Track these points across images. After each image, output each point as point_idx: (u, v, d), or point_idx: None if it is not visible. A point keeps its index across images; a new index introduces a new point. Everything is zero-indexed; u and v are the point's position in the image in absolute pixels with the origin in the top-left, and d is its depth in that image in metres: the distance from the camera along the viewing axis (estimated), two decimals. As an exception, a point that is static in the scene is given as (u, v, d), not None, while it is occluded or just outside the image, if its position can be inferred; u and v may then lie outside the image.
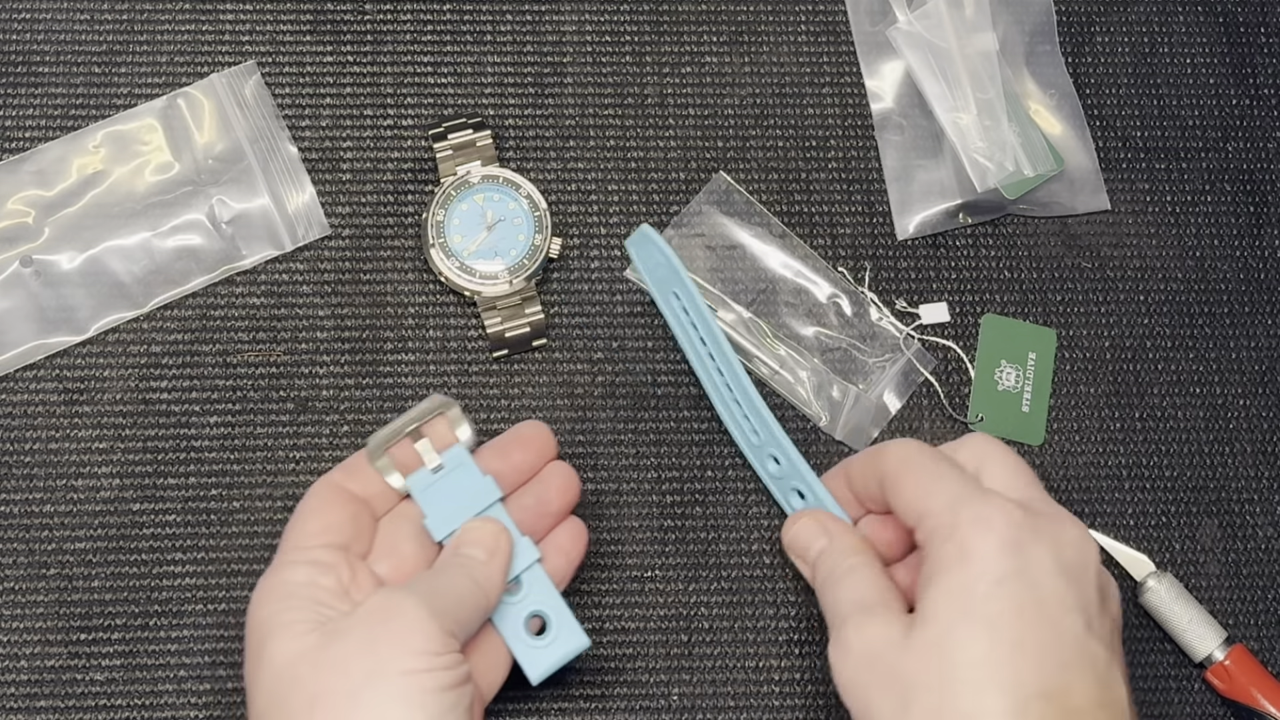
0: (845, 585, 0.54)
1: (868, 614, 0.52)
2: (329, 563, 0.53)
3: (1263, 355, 0.66)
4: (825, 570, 0.55)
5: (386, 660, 0.49)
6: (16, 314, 0.62)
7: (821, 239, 0.66)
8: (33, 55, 0.65)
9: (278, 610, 0.51)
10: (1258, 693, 0.60)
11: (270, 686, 0.50)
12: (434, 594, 0.51)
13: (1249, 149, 0.68)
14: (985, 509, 0.50)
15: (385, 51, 0.67)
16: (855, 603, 0.52)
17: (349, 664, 0.49)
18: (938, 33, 0.67)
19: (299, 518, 0.55)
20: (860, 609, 0.52)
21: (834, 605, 0.53)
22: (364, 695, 0.48)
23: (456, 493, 0.56)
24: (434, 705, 0.48)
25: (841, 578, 0.54)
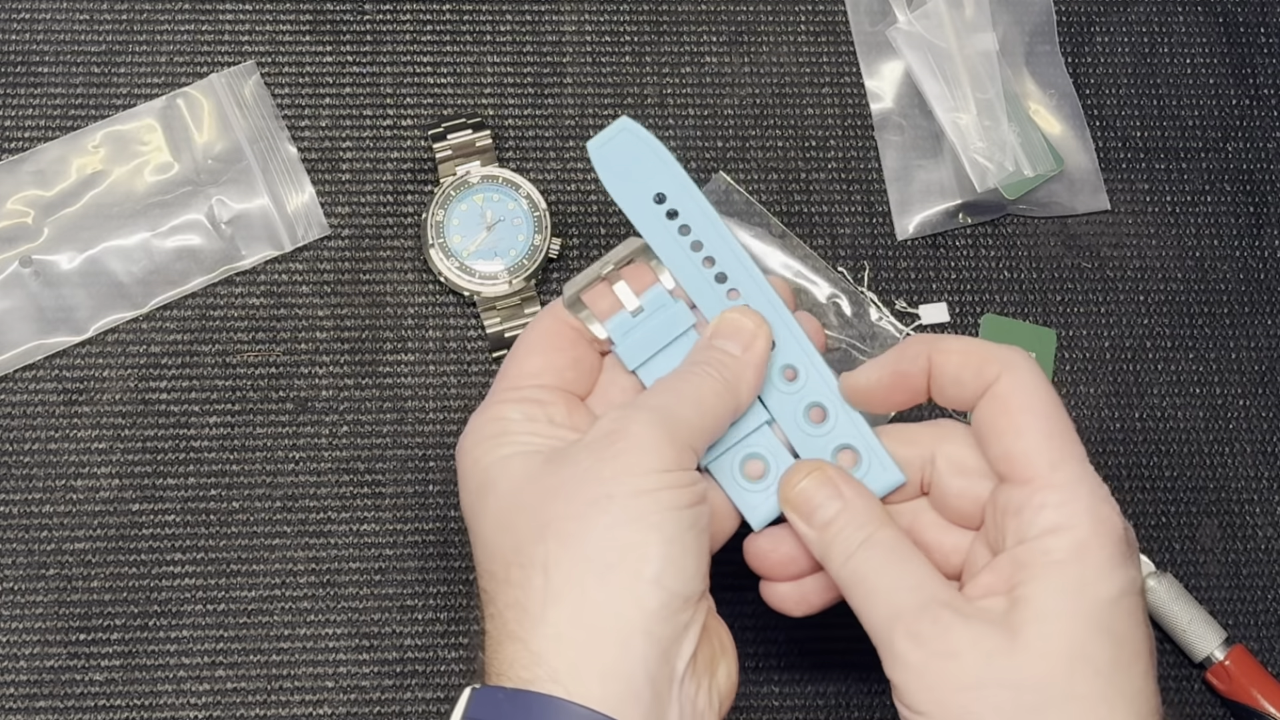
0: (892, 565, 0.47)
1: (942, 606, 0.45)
2: (545, 400, 0.49)
3: (1262, 355, 0.66)
4: (846, 541, 0.48)
5: (615, 481, 0.45)
6: (16, 314, 0.62)
7: (821, 239, 0.66)
8: (32, 55, 0.65)
9: (494, 446, 0.48)
10: (1258, 693, 0.60)
11: (497, 516, 0.47)
12: (671, 404, 0.47)
13: (1249, 149, 0.68)
14: (1105, 508, 0.45)
15: (385, 52, 0.67)
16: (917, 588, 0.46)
17: (577, 488, 0.46)
18: (937, 33, 0.67)
19: (517, 353, 0.51)
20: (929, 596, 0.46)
21: (873, 594, 0.47)
22: (594, 518, 0.45)
23: (661, 336, 0.51)
24: (670, 524, 0.45)
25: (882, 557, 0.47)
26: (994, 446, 0.47)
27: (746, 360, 0.49)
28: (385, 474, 0.62)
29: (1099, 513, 0.45)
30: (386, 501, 0.62)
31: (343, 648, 0.60)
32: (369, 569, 0.61)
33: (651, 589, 0.44)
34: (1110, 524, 0.45)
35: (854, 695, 0.61)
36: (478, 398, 0.63)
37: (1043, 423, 0.47)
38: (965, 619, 0.45)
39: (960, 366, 0.48)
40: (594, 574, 0.45)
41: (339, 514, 0.61)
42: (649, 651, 0.44)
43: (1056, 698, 0.43)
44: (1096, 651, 0.44)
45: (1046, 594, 0.44)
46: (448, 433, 0.62)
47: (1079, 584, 0.44)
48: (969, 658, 0.44)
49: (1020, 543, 0.45)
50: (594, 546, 0.45)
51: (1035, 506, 0.45)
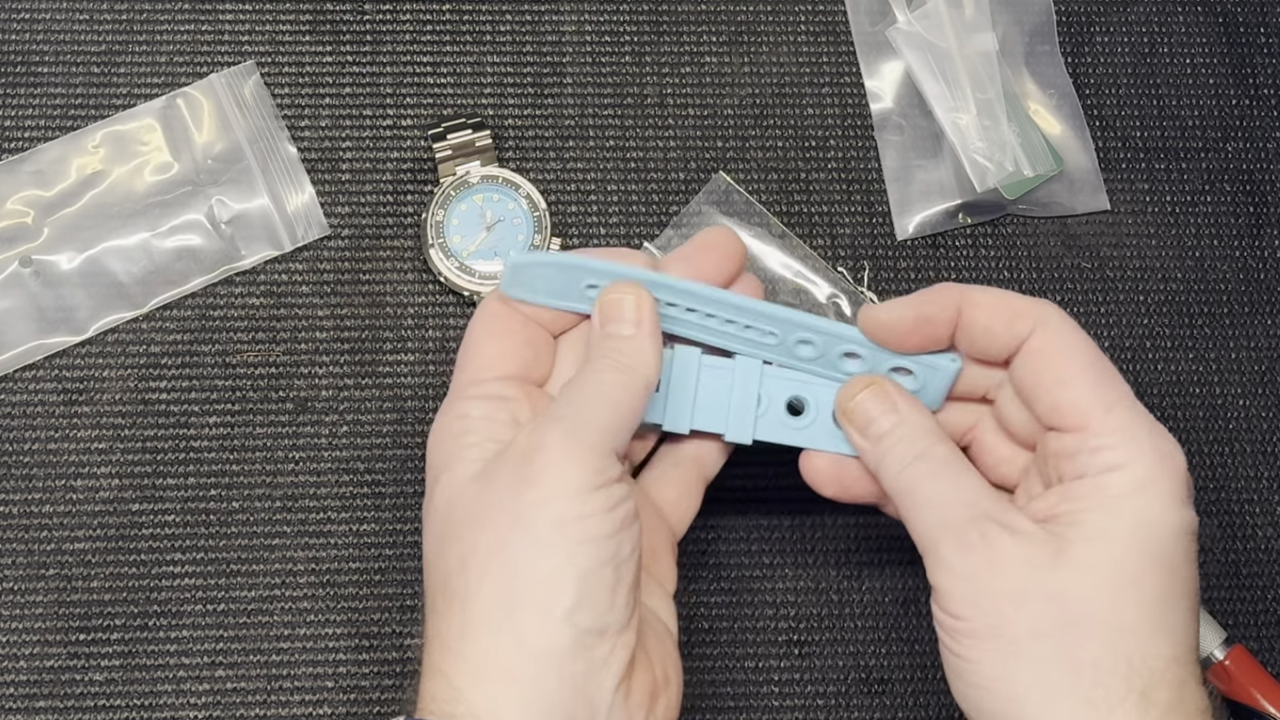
0: (945, 478, 0.47)
1: (992, 520, 0.45)
2: (507, 396, 0.49)
3: (1262, 355, 0.66)
4: (901, 455, 0.48)
5: (533, 509, 0.45)
6: (15, 314, 0.62)
7: (821, 239, 0.66)
8: (32, 55, 0.65)
9: (452, 448, 0.48)
10: (1258, 693, 0.60)
11: (434, 532, 0.47)
12: (583, 412, 0.47)
13: (1249, 149, 0.68)
14: (1167, 444, 0.46)
15: (385, 52, 0.67)
16: (970, 502, 0.46)
17: (498, 514, 0.45)
18: (937, 33, 0.67)
19: (472, 343, 0.50)
20: (980, 510, 0.46)
21: (926, 505, 0.47)
22: (511, 549, 0.44)
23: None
24: (586, 557, 0.44)
25: (936, 469, 0.48)
26: (1041, 400, 0.47)
27: (640, 336, 0.49)
28: (385, 474, 0.62)
29: (1161, 449, 0.46)
30: (386, 501, 0.62)
31: (343, 648, 0.60)
32: (369, 569, 0.61)
33: (563, 626, 0.44)
34: (1174, 460, 0.46)
35: (854, 695, 0.61)
36: (478, 398, 0.63)
37: (1088, 370, 0.47)
38: (1013, 534, 0.45)
39: (991, 318, 0.48)
40: (508, 609, 0.44)
41: (339, 514, 0.61)
42: (564, 689, 0.44)
43: (1098, 618, 0.44)
44: (1148, 580, 0.44)
45: (1102, 520, 0.45)
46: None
47: (1139, 514, 0.45)
48: (1013, 568, 0.45)
49: (1078, 477, 0.46)
50: (509, 580, 0.44)
51: (1091, 449, 0.46)
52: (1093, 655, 0.44)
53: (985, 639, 0.45)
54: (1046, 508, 0.46)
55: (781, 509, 0.62)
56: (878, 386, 0.50)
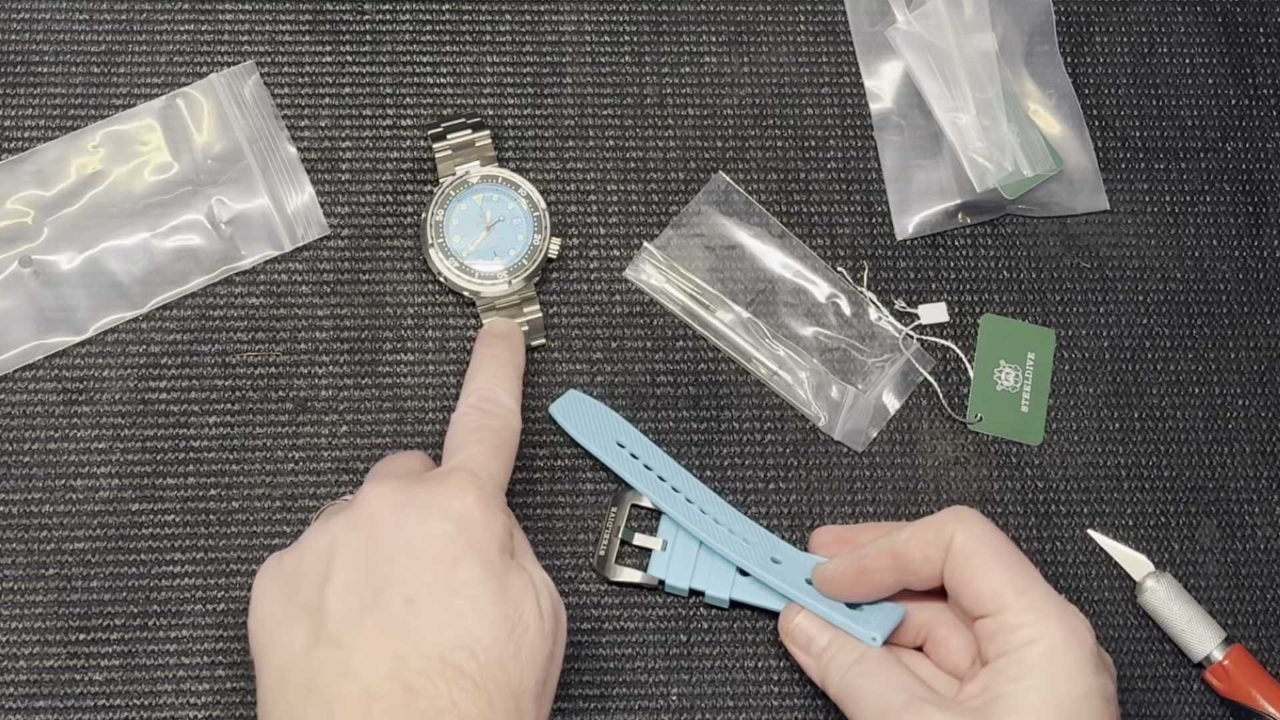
0: (881, 675, 0.54)
1: (925, 703, 0.52)
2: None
3: (1262, 355, 0.66)
4: (840, 663, 0.55)
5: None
6: (15, 314, 0.62)
7: (820, 239, 0.66)
8: (32, 55, 0.65)
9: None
10: (1257, 693, 0.60)
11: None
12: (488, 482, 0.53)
13: (1248, 149, 0.68)
14: (1074, 620, 0.52)
15: (384, 52, 0.67)
16: (904, 690, 0.53)
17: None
18: (937, 33, 0.67)
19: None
20: (913, 696, 0.52)
21: (865, 700, 0.54)
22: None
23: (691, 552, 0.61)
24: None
25: (872, 670, 0.54)
26: (965, 593, 0.53)
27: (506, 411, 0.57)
28: (385, 474, 0.62)
29: (1068, 624, 0.51)
30: (386, 501, 0.62)
31: (342, 648, 0.60)
32: None
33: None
34: (1080, 635, 0.51)
35: (853, 695, 0.61)
36: (477, 398, 0.63)
37: (1001, 561, 0.53)
38: (944, 710, 0.51)
39: (921, 546, 0.54)
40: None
41: (339, 514, 0.61)
42: None
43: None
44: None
45: (1018, 692, 0.50)
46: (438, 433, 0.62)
47: (1050, 682, 0.50)
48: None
49: (1000, 655, 0.52)
50: None
51: (1010, 628, 0.52)
52: None
53: None
54: (978, 687, 0.52)
55: (782, 509, 0.62)
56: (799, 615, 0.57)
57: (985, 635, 0.52)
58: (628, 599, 0.61)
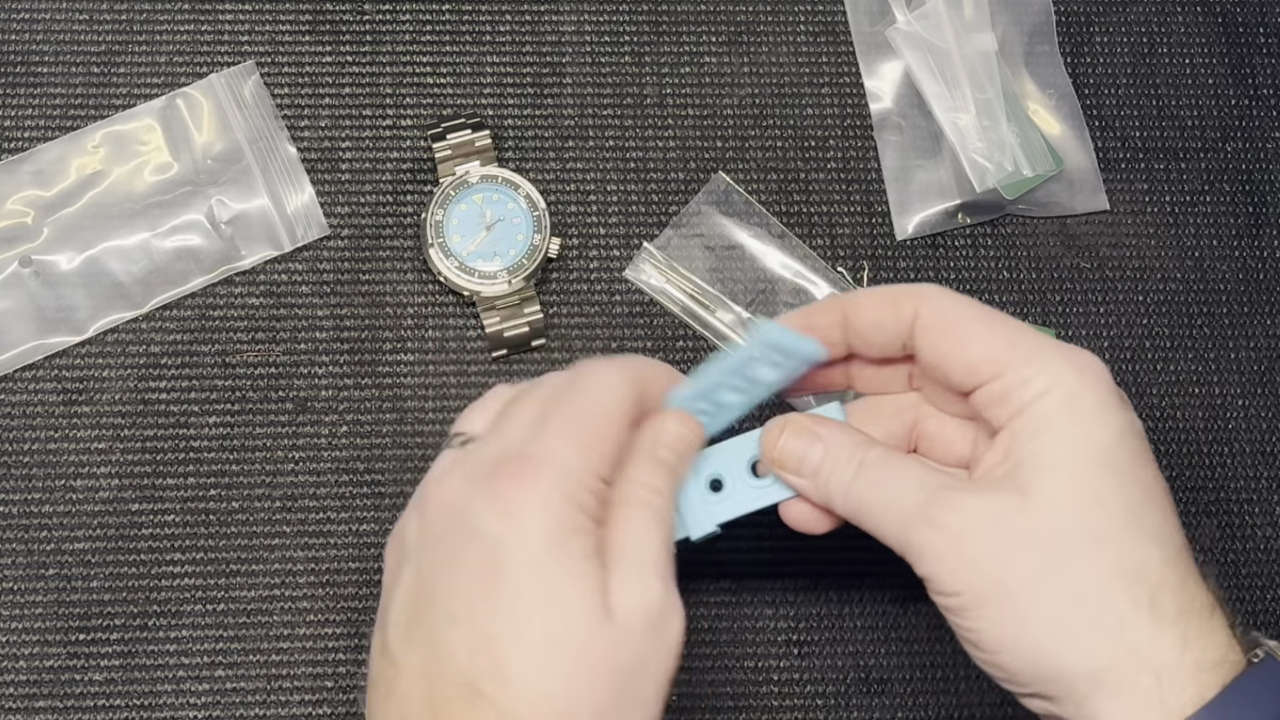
0: (890, 477, 0.47)
1: (949, 490, 0.46)
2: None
3: (1261, 355, 0.66)
4: (841, 476, 0.48)
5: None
6: (15, 314, 0.62)
7: (820, 239, 0.66)
8: (32, 55, 0.65)
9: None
10: (1257, 693, 0.60)
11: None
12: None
13: (1248, 149, 0.68)
14: (1084, 357, 0.46)
15: (384, 52, 0.67)
16: (920, 486, 0.46)
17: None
18: (937, 33, 0.67)
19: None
20: (933, 489, 0.46)
21: (880, 509, 0.47)
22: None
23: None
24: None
25: (878, 474, 0.48)
26: (953, 368, 0.48)
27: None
28: (385, 474, 0.62)
29: (1078, 362, 0.46)
30: (386, 501, 0.62)
31: (343, 648, 0.60)
32: (369, 569, 0.61)
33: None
34: (1094, 370, 0.46)
35: (853, 695, 0.61)
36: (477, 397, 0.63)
37: (981, 322, 0.47)
38: (972, 493, 0.45)
39: (875, 310, 0.49)
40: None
41: (338, 514, 0.61)
42: None
43: (1077, 541, 0.44)
44: (1107, 490, 0.44)
45: (1045, 447, 0.45)
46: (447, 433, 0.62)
47: (1075, 430, 0.45)
48: (985, 527, 0.45)
49: (1016, 414, 0.46)
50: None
51: (1017, 385, 0.46)
52: (1087, 581, 0.44)
53: (985, 605, 0.45)
54: (998, 455, 0.46)
55: (781, 509, 0.62)
56: (793, 425, 0.50)
57: (989, 403, 0.47)
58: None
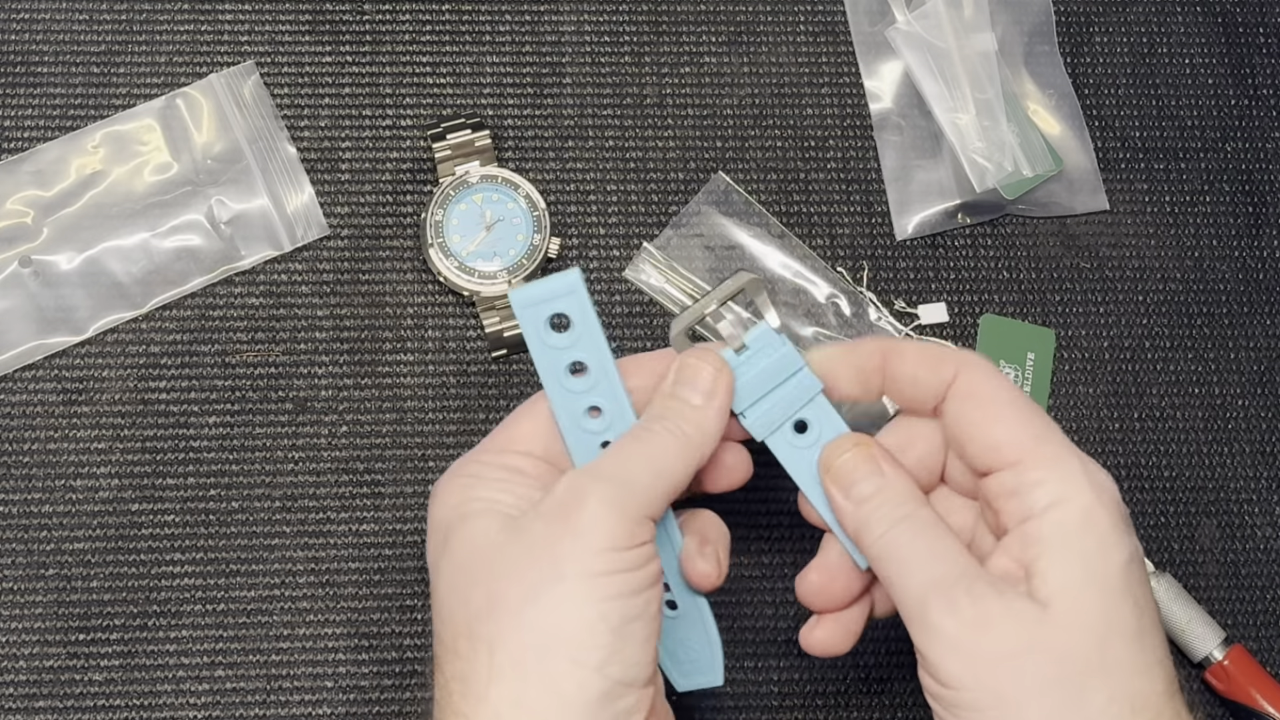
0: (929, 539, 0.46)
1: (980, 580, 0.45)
2: (526, 470, 0.49)
3: (1261, 355, 0.66)
4: (884, 516, 0.47)
5: (567, 561, 0.45)
6: (15, 314, 0.62)
7: (820, 239, 0.66)
8: (31, 55, 0.65)
9: (461, 500, 0.48)
10: (1256, 693, 0.60)
11: (452, 578, 0.47)
12: (630, 472, 0.47)
13: (1247, 149, 0.68)
14: (1100, 475, 0.46)
15: (384, 52, 0.67)
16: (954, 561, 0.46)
17: (528, 565, 0.45)
18: (936, 33, 0.67)
19: (511, 417, 0.50)
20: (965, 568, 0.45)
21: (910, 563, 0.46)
22: (542, 598, 0.45)
23: (763, 378, 0.50)
24: (618, 613, 0.45)
25: (918, 530, 0.47)
26: (974, 441, 0.47)
27: (708, 410, 0.48)
28: (385, 474, 0.62)
29: (1096, 480, 0.46)
30: (386, 501, 0.62)
31: (343, 648, 0.60)
32: (369, 569, 0.61)
33: (595, 676, 0.44)
34: (1109, 491, 0.46)
35: (853, 695, 0.61)
36: (477, 397, 0.63)
37: (1014, 407, 0.47)
38: (999, 592, 0.44)
39: (916, 365, 0.49)
40: (537, 657, 0.44)
41: (338, 514, 0.61)
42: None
43: (1090, 666, 0.44)
44: (1125, 618, 0.44)
45: (1067, 565, 0.44)
46: (447, 433, 0.62)
47: (1095, 552, 0.44)
48: (1006, 628, 0.44)
49: (1025, 520, 0.45)
50: (540, 629, 0.45)
51: (1031, 483, 0.46)
52: (1098, 705, 0.43)
53: (985, 709, 0.44)
54: (1010, 558, 0.46)
55: (781, 509, 0.62)
56: (864, 448, 0.49)
57: (1000, 494, 0.47)
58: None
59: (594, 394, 0.49)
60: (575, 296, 0.48)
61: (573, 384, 0.49)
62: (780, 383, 0.50)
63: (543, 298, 0.48)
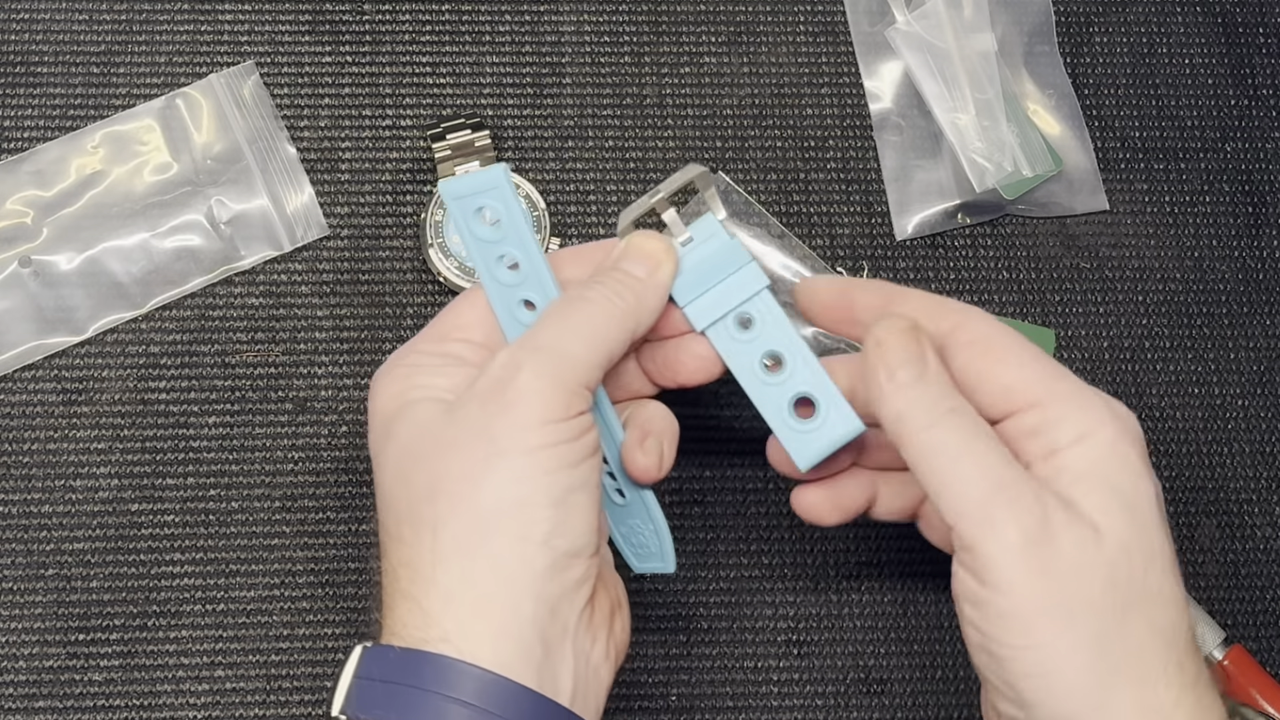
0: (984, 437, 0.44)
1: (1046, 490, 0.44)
2: (466, 357, 0.49)
3: (1261, 356, 0.66)
4: (933, 405, 0.45)
5: (504, 437, 0.45)
6: (15, 314, 0.62)
7: (820, 239, 0.66)
8: (31, 55, 0.65)
9: (402, 389, 0.48)
10: (1256, 693, 0.60)
11: (395, 466, 0.47)
12: (562, 341, 0.47)
13: (1247, 149, 0.68)
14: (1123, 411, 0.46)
15: (384, 52, 0.67)
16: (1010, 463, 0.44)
17: (467, 445, 0.45)
18: (936, 33, 0.67)
19: (453, 306, 0.51)
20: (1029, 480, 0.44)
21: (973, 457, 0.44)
22: (483, 476, 0.45)
23: (708, 270, 0.50)
24: (559, 485, 0.45)
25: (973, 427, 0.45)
26: (987, 386, 0.46)
27: (651, 284, 0.49)
28: (384, 474, 0.62)
29: (1119, 414, 0.46)
30: (386, 501, 0.62)
31: (342, 648, 0.60)
32: (368, 569, 0.61)
33: (540, 550, 0.45)
34: (1133, 425, 0.46)
35: (853, 696, 0.61)
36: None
37: (1028, 351, 0.46)
38: (1063, 505, 0.43)
39: (920, 305, 0.48)
40: (482, 535, 0.45)
41: (338, 514, 0.61)
42: (539, 610, 0.45)
43: (1138, 594, 0.44)
44: (1163, 549, 0.45)
45: (1104, 494, 0.44)
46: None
47: (1128, 483, 0.44)
48: (1068, 541, 0.43)
49: (1051, 454, 0.45)
50: (482, 507, 0.45)
51: (1054, 420, 0.45)
52: (1141, 636, 0.43)
53: (1033, 619, 0.43)
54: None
55: (781, 509, 0.62)
56: (915, 333, 0.46)
57: (1020, 435, 0.45)
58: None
59: (525, 288, 0.50)
60: (499, 191, 0.50)
61: (505, 276, 0.50)
62: (725, 277, 0.50)
63: (467, 191, 0.50)
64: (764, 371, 0.50)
